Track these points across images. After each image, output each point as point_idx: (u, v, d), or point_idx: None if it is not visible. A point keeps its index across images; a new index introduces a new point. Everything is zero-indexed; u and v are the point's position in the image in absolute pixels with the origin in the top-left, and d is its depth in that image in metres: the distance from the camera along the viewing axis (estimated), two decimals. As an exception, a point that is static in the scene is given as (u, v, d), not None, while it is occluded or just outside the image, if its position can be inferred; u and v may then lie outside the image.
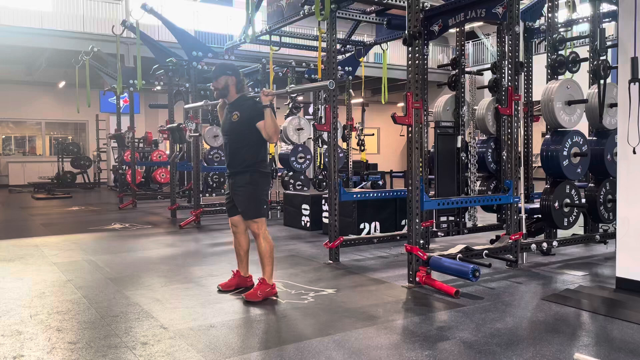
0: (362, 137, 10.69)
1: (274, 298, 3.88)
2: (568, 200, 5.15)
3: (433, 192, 5.89)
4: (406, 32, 4.25)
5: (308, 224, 7.32)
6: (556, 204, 5.05)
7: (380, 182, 10.31)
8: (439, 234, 6.14)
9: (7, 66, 17.31)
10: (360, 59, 8.42)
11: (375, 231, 6.57)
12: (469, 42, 20.56)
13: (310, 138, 9.21)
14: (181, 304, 3.81)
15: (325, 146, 8.51)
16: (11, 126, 20.00)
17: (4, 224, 8.57)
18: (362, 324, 3.31)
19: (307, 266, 5.05)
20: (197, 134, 7.84)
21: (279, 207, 8.84)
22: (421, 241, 4.40)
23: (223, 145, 4.18)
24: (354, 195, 6.10)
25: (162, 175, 13.53)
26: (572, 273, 4.63)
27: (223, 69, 4.02)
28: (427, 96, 5.24)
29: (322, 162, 8.85)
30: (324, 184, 8.75)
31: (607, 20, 5.66)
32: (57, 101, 19.14)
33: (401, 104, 22.14)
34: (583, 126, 5.29)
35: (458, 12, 4.64)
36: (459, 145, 5.90)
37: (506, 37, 4.72)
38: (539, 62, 5.97)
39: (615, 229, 4.32)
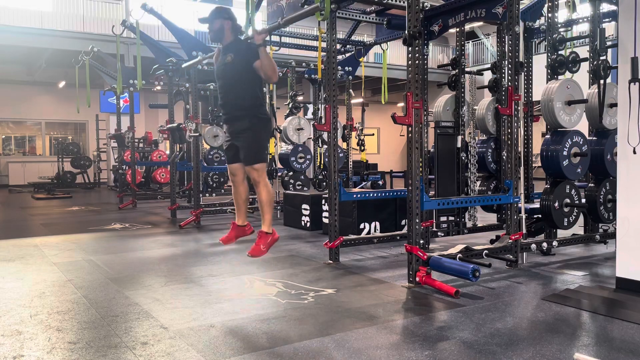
0: (362, 137, 10.69)
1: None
2: (568, 200, 5.15)
3: (433, 192, 5.89)
4: (406, 32, 4.25)
5: (308, 224, 7.32)
6: (556, 204, 5.05)
7: (380, 182, 10.32)
8: (439, 234, 6.14)
9: (7, 66, 17.31)
10: (360, 59, 8.43)
11: (375, 231, 6.57)
12: (469, 42, 20.57)
13: (310, 138, 9.21)
14: (181, 304, 3.81)
15: (325, 146, 8.51)
16: (11, 126, 20.00)
17: (4, 224, 8.57)
18: (362, 324, 3.31)
19: (307, 266, 5.05)
20: (197, 134, 7.84)
21: (279, 207, 8.84)
22: (421, 241, 4.40)
23: (218, 89, 4.09)
24: (354, 195, 6.10)
25: (162, 175, 13.53)
26: (572, 273, 4.63)
27: (219, 12, 3.97)
28: (427, 96, 5.24)
29: (322, 162, 8.85)
30: (324, 184, 8.75)
31: (607, 20, 5.66)
32: (57, 101, 19.14)
33: (401, 104, 22.15)
34: (583, 126, 5.29)
35: (458, 12, 4.64)
36: (459, 145, 5.90)
37: (506, 37, 4.72)
38: (539, 62, 5.97)
39: (615, 229, 4.32)
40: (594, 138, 5.43)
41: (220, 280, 4.49)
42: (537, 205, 5.30)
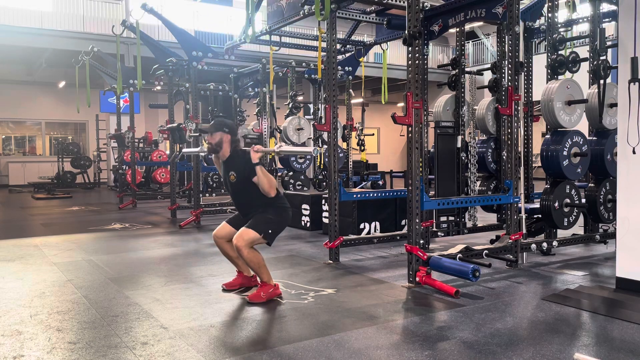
0: (362, 137, 10.69)
1: (279, 299, 3.87)
2: (568, 200, 5.15)
3: (433, 192, 5.89)
4: (406, 32, 4.25)
5: (308, 224, 7.32)
6: (556, 204, 5.05)
7: (380, 182, 10.31)
8: (439, 234, 6.14)
9: (7, 66, 17.30)
10: (360, 59, 8.43)
11: (375, 231, 6.57)
12: (469, 42, 20.56)
13: (310, 138, 9.21)
14: (181, 304, 3.81)
15: (325, 146, 8.51)
16: (11, 126, 19.99)
17: (4, 224, 8.57)
18: (362, 324, 3.31)
19: (307, 266, 5.05)
20: (197, 134, 7.84)
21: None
22: (421, 241, 4.40)
23: (230, 195, 4.15)
24: (354, 195, 6.10)
25: (162, 175, 13.53)
26: (572, 273, 4.63)
27: (220, 125, 3.99)
28: (427, 96, 5.24)
29: (322, 162, 8.85)
30: (324, 184, 8.75)
31: (607, 20, 5.66)
32: (57, 101, 19.14)
33: (401, 104, 22.15)
34: (583, 126, 5.28)
35: (458, 12, 4.65)
36: (459, 145, 5.90)
37: (506, 37, 4.72)
38: (539, 62, 5.97)
39: (615, 229, 4.32)
40: (594, 138, 5.43)
41: (220, 280, 4.48)
42: (537, 205, 5.30)
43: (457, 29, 5.93)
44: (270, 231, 3.83)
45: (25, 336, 3.14)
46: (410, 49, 4.24)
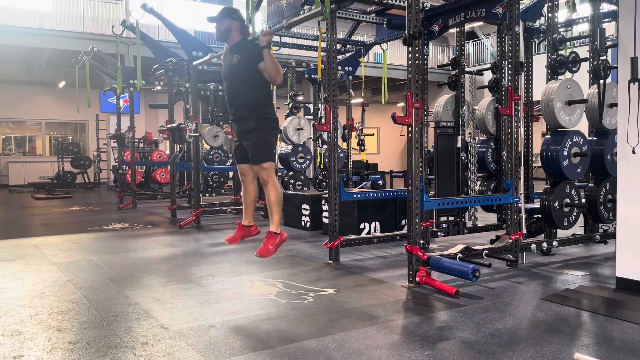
0: (362, 137, 10.70)
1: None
2: (568, 200, 5.15)
3: (433, 192, 5.89)
4: (406, 32, 4.25)
5: (308, 224, 7.32)
6: (556, 204, 5.05)
7: (380, 182, 10.32)
8: (439, 234, 6.14)
9: (7, 66, 17.31)
10: (360, 59, 8.42)
11: (375, 231, 6.57)
12: (469, 42, 20.56)
13: (310, 138, 9.22)
14: (181, 304, 3.81)
15: (325, 146, 8.51)
16: (11, 126, 20.00)
17: (4, 224, 8.57)
18: (362, 324, 3.31)
19: (307, 266, 5.05)
20: (197, 134, 7.84)
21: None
22: (421, 241, 4.40)
23: (225, 89, 4.10)
24: (354, 195, 6.10)
25: (162, 175, 13.53)
26: (572, 273, 4.63)
27: (228, 12, 3.96)
28: (427, 96, 5.24)
29: (322, 162, 8.85)
30: (324, 184, 8.75)
31: (607, 20, 5.66)
32: (57, 101, 19.14)
33: (401, 104, 22.16)
34: (583, 126, 5.28)
35: (458, 12, 4.65)
36: (459, 145, 5.90)
37: (506, 37, 4.72)
38: (539, 62, 5.96)
39: (615, 229, 4.32)
40: (594, 138, 5.43)
41: (220, 280, 4.49)
42: (537, 205, 5.30)
43: (457, 29, 5.93)
44: (273, 152, 4.05)
45: (25, 336, 3.14)
46: (410, 49, 4.24)
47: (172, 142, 8.95)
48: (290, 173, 8.94)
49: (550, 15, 5.36)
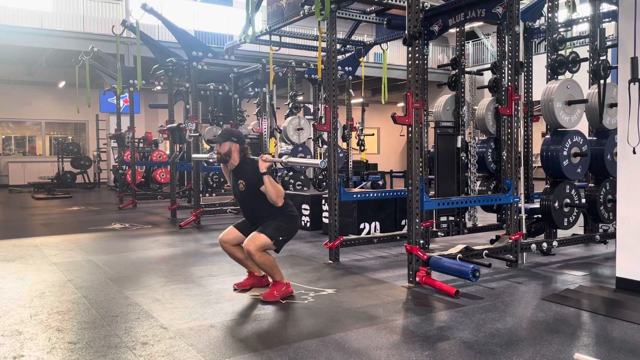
0: (362, 137, 10.69)
1: (290, 299, 3.86)
2: (568, 200, 5.15)
3: (433, 192, 5.89)
4: (406, 32, 4.25)
5: (308, 224, 7.32)
6: (556, 204, 5.05)
7: (380, 182, 10.31)
8: (439, 234, 6.14)
9: (7, 66, 17.31)
10: (360, 59, 8.43)
11: (375, 231, 6.57)
12: (469, 42, 20.56)
13: (310, 138, 9.21)
14: (181, 304, 3.81)
15: (325, 146, 8.51)
16: (11, 126, 19.99)
17: (4, 224, 8.57)
18: (362, 324, 3.30)
19: (307, 266, 5.05)
20: (197, 134, 7.85)
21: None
22: (421, 241, 4.40)
23: (239, 204, 4.17)
24: (354, 195, 6.10)
25: (162, 175, 13.53)
26: (572, 273, 4.63)
27: (229, 135, 4.01)
28: (427, 96, 5.24)
29: (322, 162, 8.83)
30: (324, 184, 8.75)
31: (607, 20, 5.66)
32: (57, 101, 19.14)
33: (401, 104, 22.15)
34: (583, 126, 5.28)
35: (458, 12, 4.65)
36: (459, 145, 5.90)
37: (506, 37, 4.72)
38: (539, 62, 5.97)
39: (615, 229, 4.32)
40: (594, 138, 5.43)
41: (220, 280, 4.49)
42: (537, 205, 5.30)
43: (457, 29, 5.93)
44: (280, 238, 3.86)
45: (25, 336, 3.14)
46: (410, 49, 4.24)
47: (172, 142, 8.95)
48: (290, 173, 8.94)
49: (550, 15, 5.36)
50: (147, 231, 7.50)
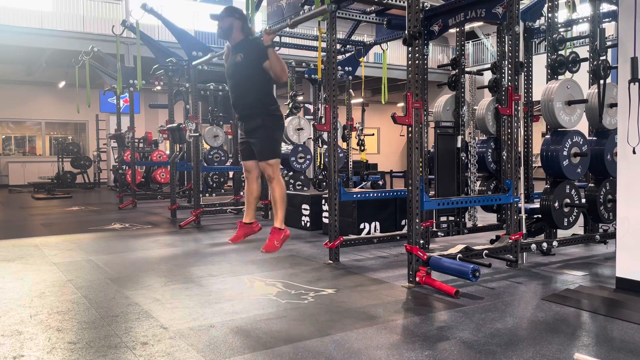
0: (362, 137, 10.70)
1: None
2: (568, 200, 5.15)
3: (433, 192, 5.89)
4: (406, 32, 4.25)
5: (308, 224, 7.32)
6: (556, 204, 5.05)
7: (380, 182, 10.32)
8: (439, 234, 6.14)
9: (7, 66, 17.31)
10: (360, 59, 8.43)
11: (375, 231, 6.57)
12: (469, 42, 20.57)
13: (310, 138, 9.22)
14: (181, 304, 3.81)
15: (325, 146, 8.51)
16: (11, 126, 20.00)
17: (4, 224, 8.57)
18: (362, 324, 3.30)
19: (307, 266, 5.05)
20: (197, 134, 7.84)
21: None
22: (421, 241, 4.40)
23: (229, 89, 4.13)
24: (354, 195, 6.10)
25: (162, 175, 13.54)
26: (572, 273, 4.63)
27: (230, 11, 3.99)
28: (427, 96, 5.24)
29: (322, 162, 8.85)
30: (324, 184, 8.75)
31: (607, 20, 5.66)
32: (57, 101, 19.15)
33: (401, 104, 22.15)
34: (583, 126, 5.29)
35: (458, 12, 4.65)
36: (459, 145, 5.90)
37: (506, 37, 4.72)
38: (539, 62, 5.96)
39: (615, 229, 4.32)
40: (594, 138, 5.43)
41: (220, 280, 4.49)
42: (537, 205, 5.30)
43: (457, 29, 5.93)
44: (279, 149, 4.16)
45: (25, 336, 3.14)
46: (410, 49, 4.24)
47: (172, 142, 8.95)
48: (290, 173, 8.94)
49: (550, 15, 5.36)
50: (147, 231, 7.50)
